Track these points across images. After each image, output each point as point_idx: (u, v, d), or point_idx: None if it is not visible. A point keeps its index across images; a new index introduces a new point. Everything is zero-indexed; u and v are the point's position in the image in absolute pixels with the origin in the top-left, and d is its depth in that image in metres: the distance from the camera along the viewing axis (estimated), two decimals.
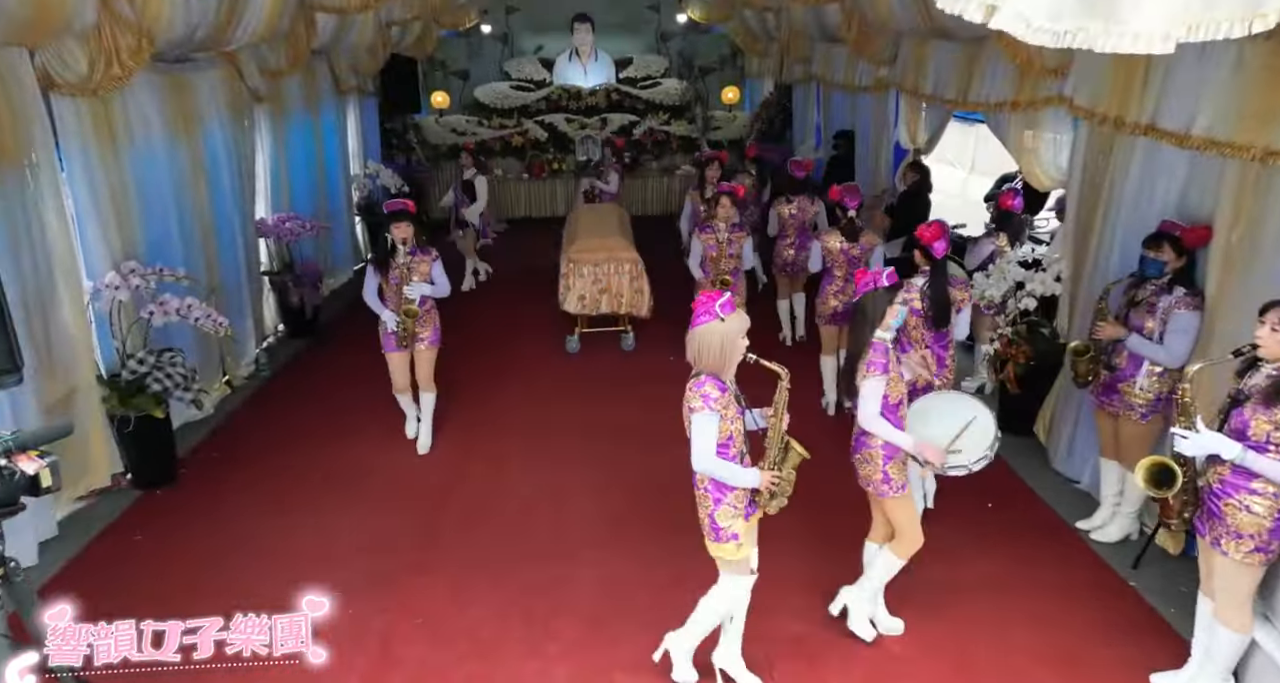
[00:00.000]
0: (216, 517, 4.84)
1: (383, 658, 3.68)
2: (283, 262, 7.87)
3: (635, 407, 6.20)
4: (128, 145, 5.25)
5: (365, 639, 3.76)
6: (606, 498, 4.97)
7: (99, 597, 3.45)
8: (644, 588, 4.08)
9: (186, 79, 6.06)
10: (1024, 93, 5.16)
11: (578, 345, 7.44)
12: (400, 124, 12.05)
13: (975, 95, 5.86)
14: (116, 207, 5.11)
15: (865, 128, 8.75)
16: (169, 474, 5.23)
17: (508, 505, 4.96)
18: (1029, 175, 5.29)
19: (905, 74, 7.22)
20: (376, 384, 6.69)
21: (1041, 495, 4.86)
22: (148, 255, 5.41)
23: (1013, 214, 5.67)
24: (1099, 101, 4.44)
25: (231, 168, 6.79)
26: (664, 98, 13.71)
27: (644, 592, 4.05)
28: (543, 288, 9.31)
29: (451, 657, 3.69)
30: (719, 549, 3.23)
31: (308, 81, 8.67)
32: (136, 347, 5.09)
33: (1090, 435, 4.68)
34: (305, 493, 5.10)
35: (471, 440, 5.80)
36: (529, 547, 4.52)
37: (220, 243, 6.56)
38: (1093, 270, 4.65)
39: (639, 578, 4.18)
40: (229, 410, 6.28)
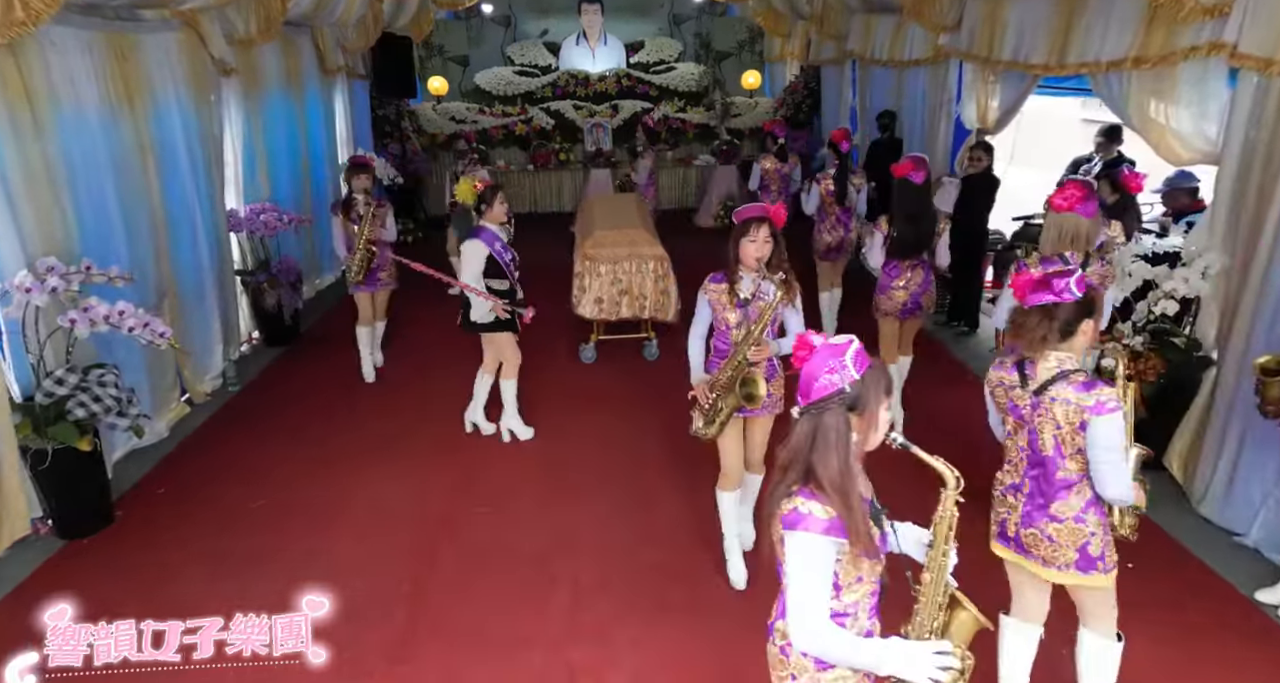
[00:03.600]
0: (154, 572, 3.86)
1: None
2: (258, 259, 6.89)
3: (661, 434, 5.24)
4: (50, 114, 4.27)
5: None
6: (636, 559, 3.97)
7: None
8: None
9: (132, 39, 5.07)
10: (1154, 44, 4.17)
11: (594, 355, 6.47)
12: (394, 110, 11.07)
13: (1078, 55, 4.87)
14: (33, 189, 4.13)
15: (917, 106, 7.76)
16: (102, 517, 4.25)
17: (512, 563, 3.96)
18: (1160, 149, 4.30)
19: (975, 39, 6.23)
20: (360, 401, 5.79)
21: (1192, 549, 3.85)
22: (81, 250, 4.44)
23: (1133, 200, 4.68)
24: (1279, 48, 3.46)
25: (193, 150, 5.80)
26: (679, 83, 12.75)
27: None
28: (551, 288, 8.33)
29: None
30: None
31: (288, 56, 7.69)
32: (60, 361, 4.11)
33: (1256, 478, 3.73)
34: (268, 539, 4.12)
35: (471, 475, 4.81)
36: (539, 624, 3.53)
37: (177, 237, 5.57)
38: (1268, 265, 3.66)
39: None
40: (186, 434, 5.30)
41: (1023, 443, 2.53)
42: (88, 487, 4.17)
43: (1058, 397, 2.40)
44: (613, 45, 13.05)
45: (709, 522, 4.01)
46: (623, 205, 7.22)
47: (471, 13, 12.83)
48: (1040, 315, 2.42)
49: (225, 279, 6.32)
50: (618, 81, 12.68)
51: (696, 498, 4.35)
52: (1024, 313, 2.47)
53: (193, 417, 5.53)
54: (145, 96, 5.19)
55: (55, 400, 3.91)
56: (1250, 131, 3.75)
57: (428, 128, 11.85)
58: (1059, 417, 2.41)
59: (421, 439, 5.22)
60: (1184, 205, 5.92)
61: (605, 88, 12.64)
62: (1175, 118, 4.20)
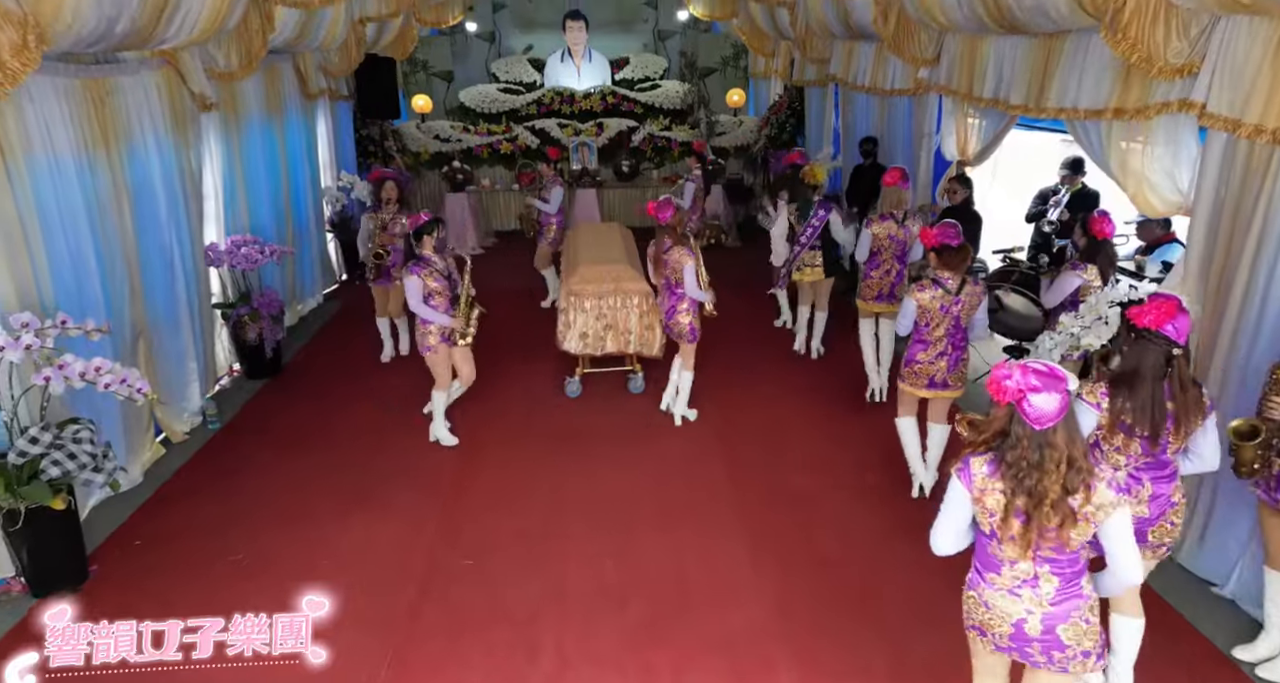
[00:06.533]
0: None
1: None
2: (239, 291, 6.84)
3: (650, 471, 5.25)
4: (22, 164, 4.22)
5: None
6: (623, 615, 3.96)
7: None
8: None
9: (111, 82, 5.03)
10: (1132, 96, 4.21)
11: (579, 388, 6.45)
12: (378, 131, 11.02)
13: (1055, 100, 4.90)
14: (7, 244, 4.08)
15: (900, 135, 7.79)
16: (76, 574, 4.21)
17: (496, 620, 3.93)
18: (1136, 200, 4.35)
19: (955, 75, 6.26)
20: (344, 441, 5.75)
21: (1169, 600, 3.89)
22: (55, 299, 4.40)
23: (1106, 243, 4.72)
24: (1245, 109, 3.50)
25: (171, 187, 5.75)
26: (664, 101, 12.75)
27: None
28: (536, 313, 8.35)
29: None
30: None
31: (269, 84, 7.65)
32: (34, 418, 4.06)
33: (1232, 529, 3.75)
34: (247, 596, 4.05)
35: (456, 520, 4.78)
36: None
37: (151, 276, 5.52)
38: (1238, 318, 3.69)
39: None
40: (163, 477, 5.24)
41: (949, 326, 4.48)
42: (61, 543, 4.12)
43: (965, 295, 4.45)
44: (598, 62, 13.04)
45: (694, 566, 4.02)
46: (608, 238, 7.21)
47: (456, 28, 12.79)
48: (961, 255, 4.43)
49: (203, 314, 6.27)
50: (603, 99, 12.67)
51: (678, 537, 4.38)
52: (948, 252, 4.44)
53: (170, 459, 5.48)
54: (123, 139, 5.14)
55: (29, 460, 3.86)
56: (1220, 186, 3.79)
57: (412, 146, 11.80)
58: (968, 303, 4.45)
59: (406, 482, 5.19)
60: (1156, 237, 5.99)
61: (591, 105, 12.63)
62: (1150, 168, 4.23)
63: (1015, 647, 2.49)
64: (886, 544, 4.42)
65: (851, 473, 5.20)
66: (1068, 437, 2.29)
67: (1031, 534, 2.34)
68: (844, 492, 4.98)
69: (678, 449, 5.59)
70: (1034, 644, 2.45)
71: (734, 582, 4.17)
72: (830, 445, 5.60)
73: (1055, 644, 2.43)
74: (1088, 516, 2.31)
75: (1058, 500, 2.29)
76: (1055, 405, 2.27)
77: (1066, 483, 2.28)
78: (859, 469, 5.24)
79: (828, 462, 5.36)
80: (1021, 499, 2.32)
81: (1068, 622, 2.41)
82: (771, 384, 6.58)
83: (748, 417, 6.02)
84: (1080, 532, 2.32)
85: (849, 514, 4.74)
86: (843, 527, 4.63)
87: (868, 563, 4.29)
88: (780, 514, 4.76)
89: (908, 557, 4.18)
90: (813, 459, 5.40)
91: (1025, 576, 2.42)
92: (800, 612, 3.92)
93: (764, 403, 6.25)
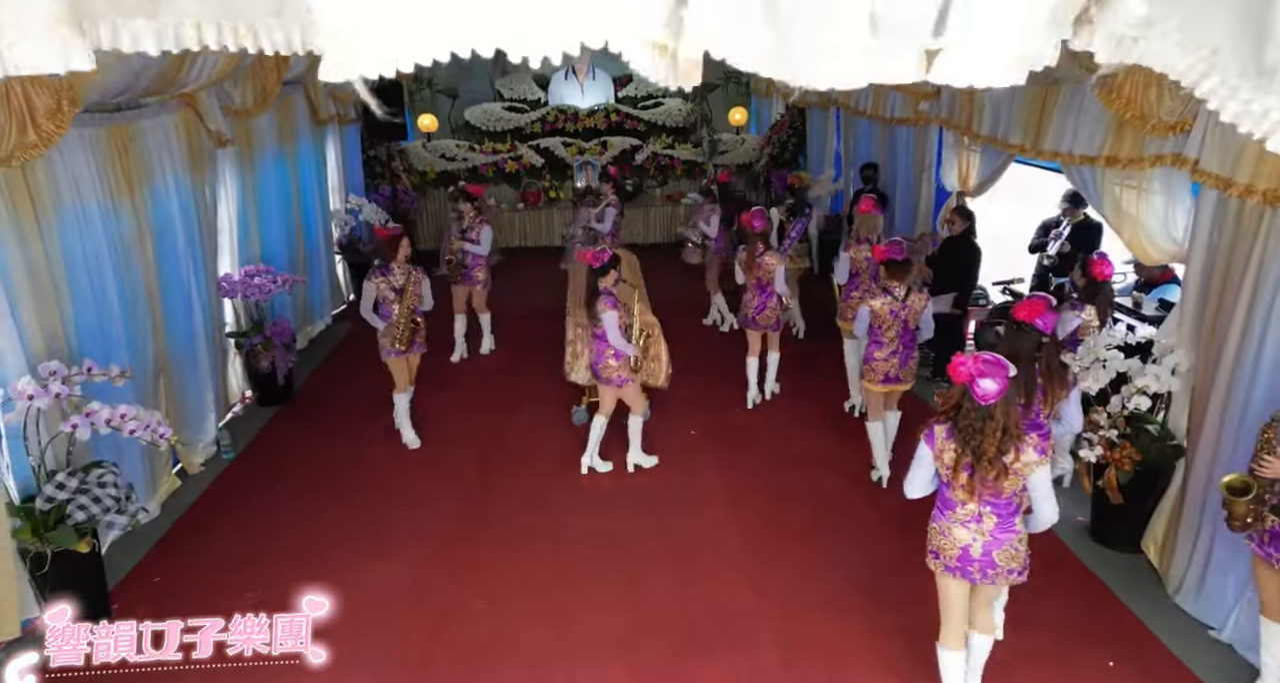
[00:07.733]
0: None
1: None
2: (251, 320, 6.96)
3: (658, 507, 5.35)
4: (52, 216, 4.35)
5: None
6: (635, 655, 4.04)
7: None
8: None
9: (133, 128, 5.17)
10: (1125, 147, 4.32)
11: (586, 417, 6.55)
12: (385, 151, 11.15)
13: (1051, 144, 5.03)
14: (36, 292, 4.21)
15: (900, 164, 7.91)
16: (99, 612, 4.31)
17: (509, 665, 4.00)
18: (1132, 246, 4.46)
19: (954, 109, 6.39)
20: (356, 475, 5.85)
21: (1167, 643, 3.98)
22: (79, 344, 4.52)
23: (1105, 284, 4.83)
24: (1236, 170, 3.61)
25: (189, 224, 5.89)
26: (667, 118, 12.88)
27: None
28: (543, 336, 8.45)
29: None
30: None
31: (282, 116, 7.78)
32: (60, 464, 4.18)
33: (1231, 574, 3.85)
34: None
35: (469, 559, 4.88)
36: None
37: (172, 310, 5.65)
38: (1234, 366, 3.80)
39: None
40: (180, 511, 5.36)
41: (899, 328, 5.10)
42: (85, 584, 4.23)
43: (911, 302, 5.06)
44: (601, 79, 13.16)
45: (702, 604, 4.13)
46: None
47: None
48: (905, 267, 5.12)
49: (218, 344, 6.40)
50: (606, 117, 12.80)
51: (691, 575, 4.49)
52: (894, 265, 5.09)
53: (186, 491, 5.59)
54: (145, 182, 5.28)
55: (56, 505, 3.98)
56: (1213, 239, 3.90)
57: (418, 165, 11.94)
58: (913, 308, 5.05)
59: (419, 511, 5.30)
60: (1155, 275, 6.11)
61: (594, 123, 12.75)
62: (1145, 213, 4.35)
63: (960, 567, 3.22)
64: (889, 579, 4.53)
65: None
66: (1005, 411, 2.96)
67: (975, 483, 3.05)
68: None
69: (692, 482, 5.71)
70: (974, 564, 3.20)
71: (741, 618, 4.27)
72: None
73: (989, 564, 3.18)
74: (1017, 470, 3.01)
75: (994, 458, 2.99)
76: (997, 387, 2.92)
77: (1001, 446, 2.97)
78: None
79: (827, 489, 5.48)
80: (968, 456, 3.02)
81: (1001, 548, 3.18)
82: (767, 411, 6.69)
83: (749, 449, 6.15)
84: (1011, 482, 3.04)
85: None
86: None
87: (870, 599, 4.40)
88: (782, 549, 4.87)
89: (911, 592, 4.28)
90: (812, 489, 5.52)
91: (972, 514, 3.16)
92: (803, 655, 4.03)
93: (768, 433, 6.37)
